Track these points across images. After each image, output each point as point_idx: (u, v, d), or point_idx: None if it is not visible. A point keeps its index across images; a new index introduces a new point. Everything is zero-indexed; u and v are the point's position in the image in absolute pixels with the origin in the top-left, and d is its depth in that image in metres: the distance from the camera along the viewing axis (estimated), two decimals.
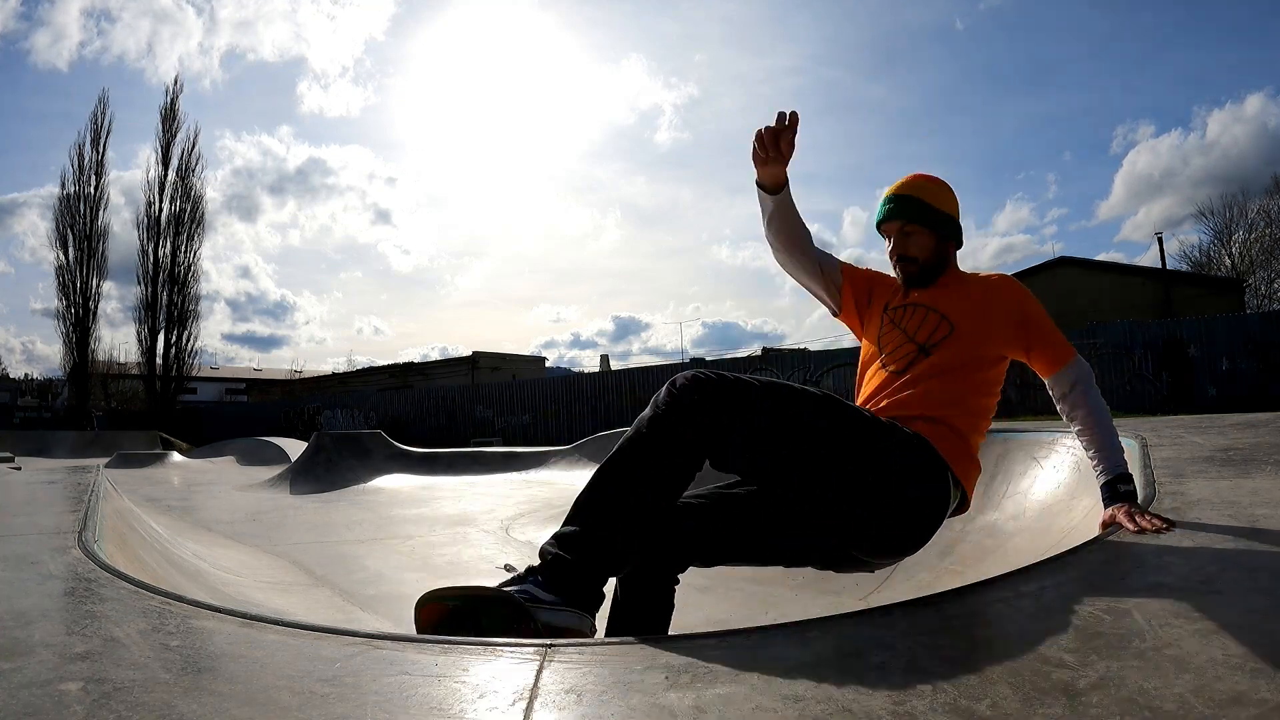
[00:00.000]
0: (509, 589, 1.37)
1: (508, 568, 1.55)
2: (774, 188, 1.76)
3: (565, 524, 1.45)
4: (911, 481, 1.52)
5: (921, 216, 1.77)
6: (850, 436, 1.50)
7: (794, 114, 1.63)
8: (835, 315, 1.97)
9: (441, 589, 1.41)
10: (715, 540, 1.58)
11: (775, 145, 1.67)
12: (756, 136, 1.67)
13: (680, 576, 1.62)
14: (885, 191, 1.83)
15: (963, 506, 1.68)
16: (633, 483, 1.44)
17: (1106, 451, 1.70)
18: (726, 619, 2.60)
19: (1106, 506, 1.64)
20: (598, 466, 1.51)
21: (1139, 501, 1.70)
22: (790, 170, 1.75)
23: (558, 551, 1.41)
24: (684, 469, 1.45)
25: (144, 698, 0.90)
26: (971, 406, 1.69)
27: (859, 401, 1.77)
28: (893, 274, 1.89)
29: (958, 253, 1.87)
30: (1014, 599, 1.24)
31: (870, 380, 1.79)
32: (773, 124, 1.65)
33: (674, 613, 1.61)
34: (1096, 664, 0.92)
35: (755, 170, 1.74)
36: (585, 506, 1.45)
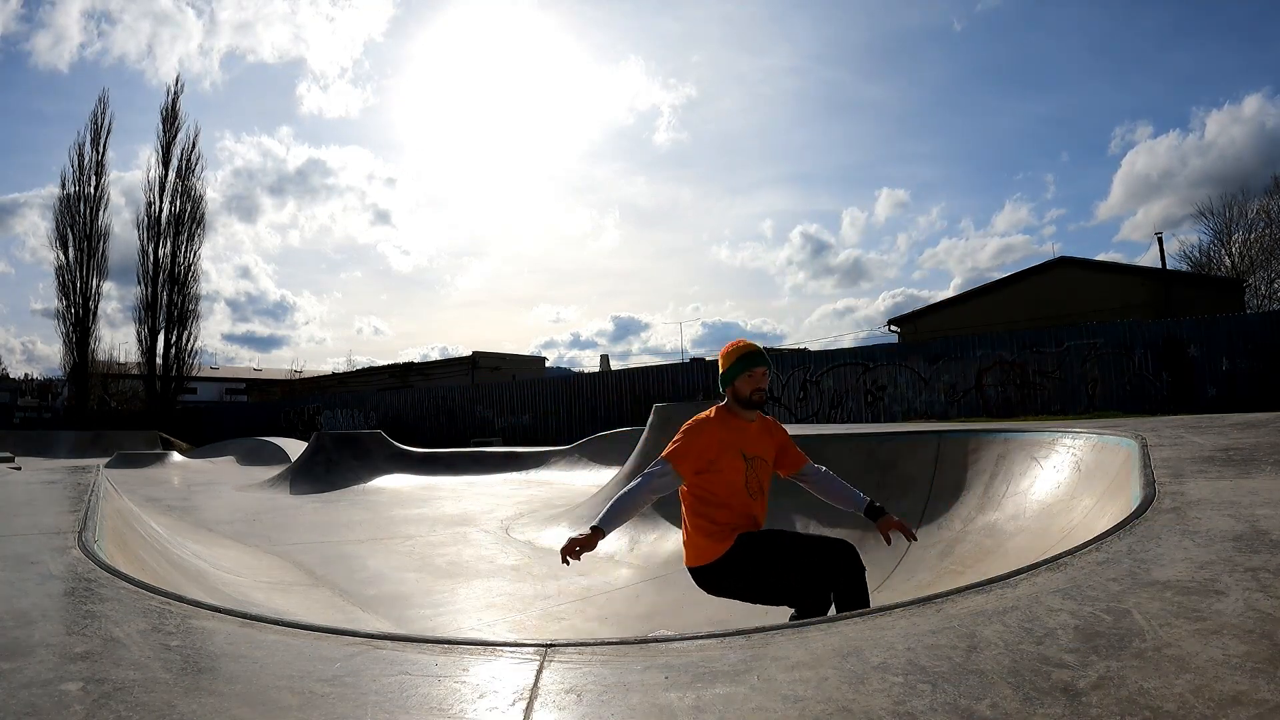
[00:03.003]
0: None
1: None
2: (600, 538, 2.13)
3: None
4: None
5: (769, 366, 2.46)
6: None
7: (576, 544, 2.05)
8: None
9: None
10: None
11: (576, 554, 2.07)
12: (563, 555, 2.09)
13: (681, 578, 1.65)
14: (746, 346, 2.42)
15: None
16: None
17: (851, 492, 2.40)
18: (727, 619, 2.60)
19: (876, 520, 2.28)
20: None
21: (1139, 502, 1.71)
22: (789, 170, 1.80)
23: None
24: None
25: (144, 698, 0.90)
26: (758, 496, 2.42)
27: (736, 509, 2.33)
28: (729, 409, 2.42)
29: None
30: (1014, 599, 1.24)
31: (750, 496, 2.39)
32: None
33: (676, 614, 1.63)
34: (1096, 664, 0.92)
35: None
36: None
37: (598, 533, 2.09)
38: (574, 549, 2.04)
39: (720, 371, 2.46)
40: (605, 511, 2.17)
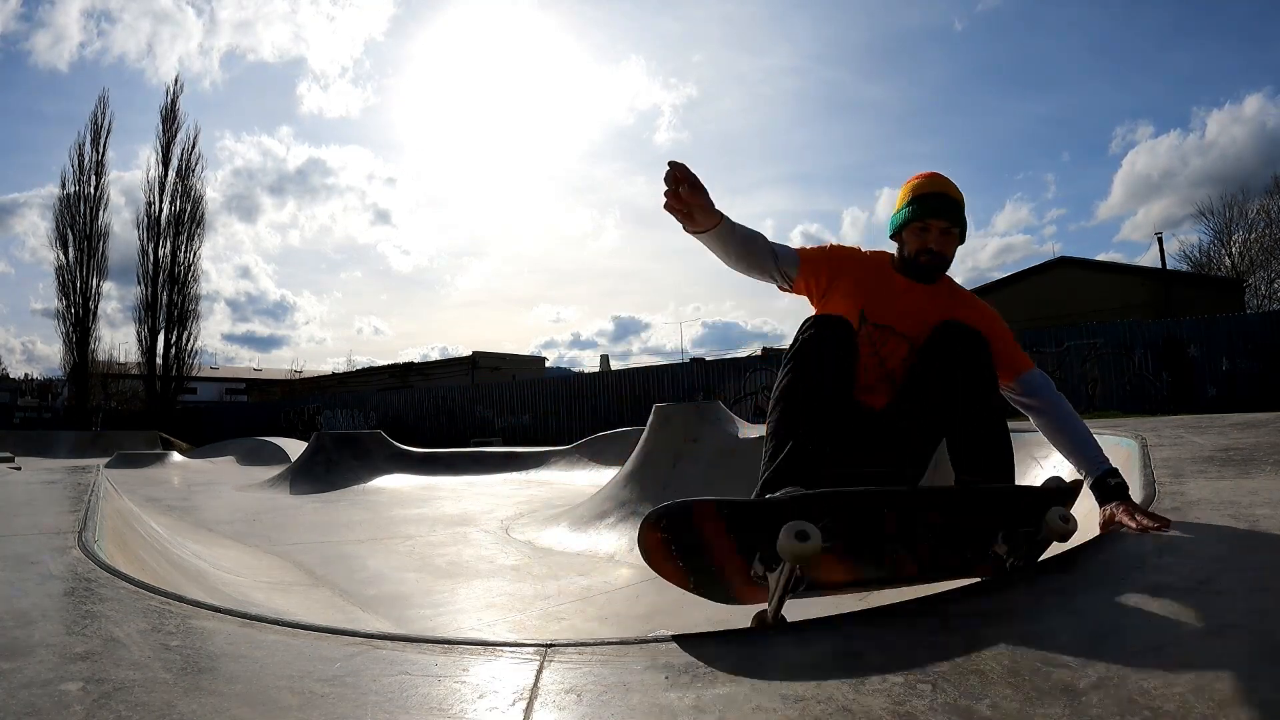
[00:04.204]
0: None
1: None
2: (710, 225, 1.74)
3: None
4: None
5: (960, 221, 1.82)
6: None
7: (672, 164, 1.65)
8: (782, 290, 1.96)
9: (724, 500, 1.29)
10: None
11: (679, 198, 1.66)
12: (665, 201, 1.68)
13: None
14: (919, 185, 1.83)
15: None
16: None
17: (1088, 449, 1.72)
18: (727, 619, 2.59)
19: (1102, 502, 1.64)
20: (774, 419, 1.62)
21: (1139, 501, 1.70)
22: (790, 170, 1.78)
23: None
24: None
25: (144, 698, 0.90)
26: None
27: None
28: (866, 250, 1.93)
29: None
30: (1014, 599, 1.24)
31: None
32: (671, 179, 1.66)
33: (676, 614, 1.61)
34: (1096, 664, 0.92)
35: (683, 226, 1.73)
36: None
37: (715, 213, 1.69)
38: (686, 184, 1.62)
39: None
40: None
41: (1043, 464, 3.09)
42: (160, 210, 32.73)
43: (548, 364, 35.99)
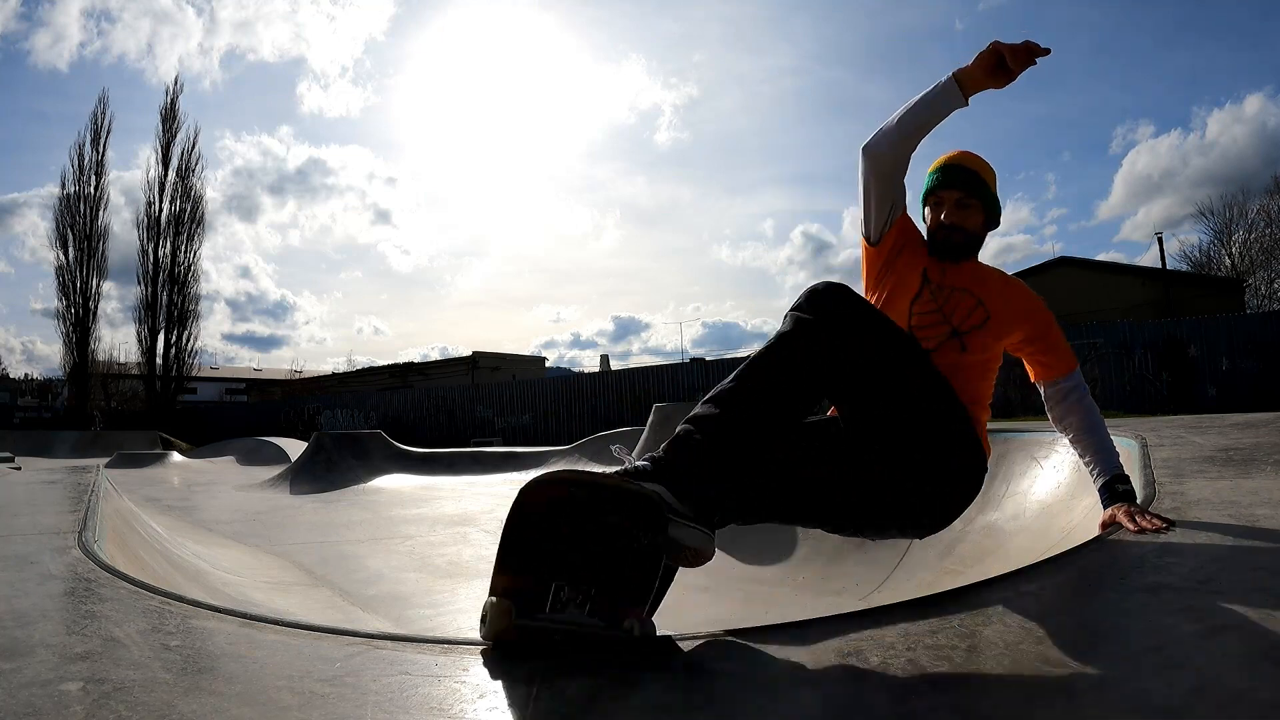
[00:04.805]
0: (643, 485, 1.20)
1: (617, 449, 1.44)
2: (972, 92, 1.62)
3: (694, 419, 1.34)
4: (968, 457, 1.51)
5: (982, 193, 1.73)
6: (941, 400, 1.47)
7: (1036, 49, 1.53)
8: (869, 242, 1.80)
9: (566, 470, 1.22)
10: (773, 492, 1.47)
11: (1024, 62, 1.55)
12: (1021, 50, 1.54)
13: (679, 577, 1.58)
14: (939, 160, 1.77)
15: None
16: (765, 396, 1.35)
17: (1103, 454, 1.70)
18: (726, 619, 2.59)
19: (1106, 507, 1.63)
20: (728, 382, 1.38)
21: (1139, 501, 1.70)
22: (790, 170, 1.76)
23: (692, 438, 1.30)
24: (813, 387, 1.39)
25: (144, 698, 0.90)
26: (983, 397, 1.69)
27: None
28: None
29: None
30: (1014, 599, 1.24)
31: None
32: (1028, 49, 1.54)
33: (675, 614, 1.56)
34: (1096, 664, 0.92)
35: (978, 76, 1.59)
36: (722, 404, 1.35)
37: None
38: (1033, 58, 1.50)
39: None
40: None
41: (1042, 464, 3.09)
42: (160, 210, 32.76)
43: (548, 364, 36.00)
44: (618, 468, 1.33)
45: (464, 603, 3.31)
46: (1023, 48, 1.55)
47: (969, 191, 1.71)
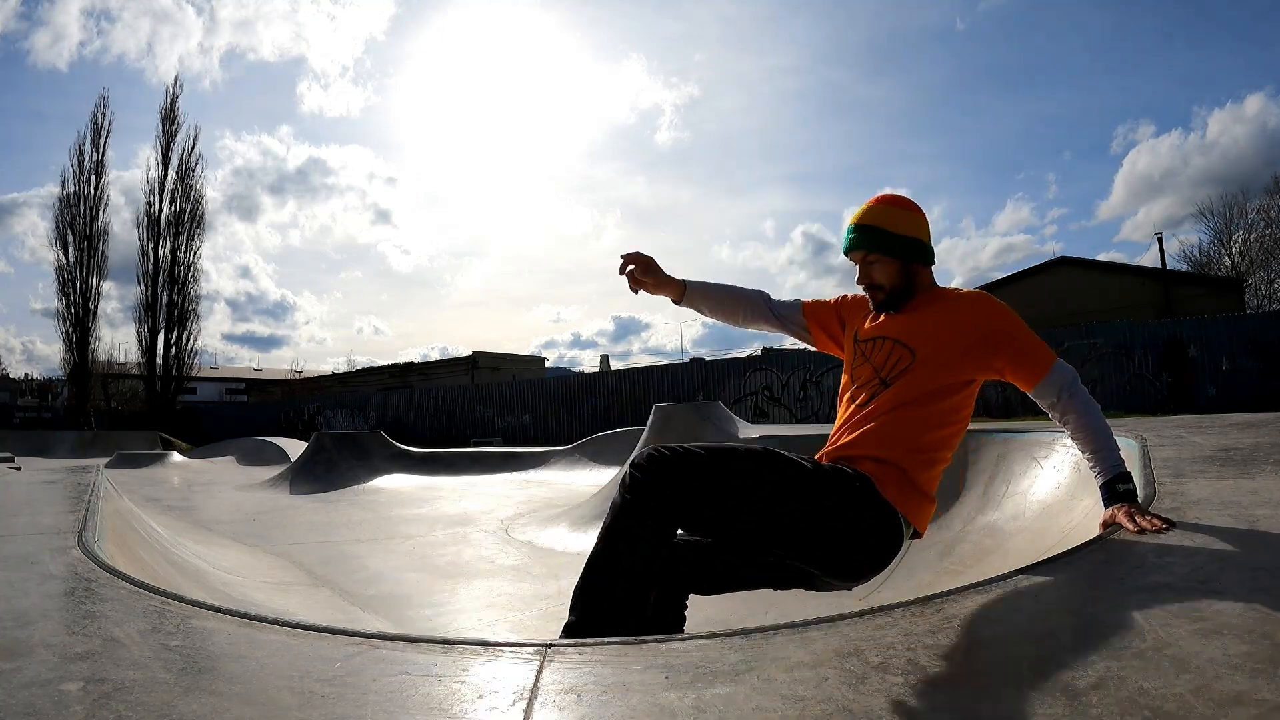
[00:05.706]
0: None
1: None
2: (676, 297, 1.93)
3: (571, 615, 1.54)
4: (853, 522, 1.61)
5: (881, 245, 1.76)
6: (793, 489, 1.58)
7: (625, 258, 1.86)
8: (816, 349, 2.07)
9: None
10: (711, 573, 1.69)
11: (636, 281, 1.89)
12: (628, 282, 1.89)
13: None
14: (849, 219, 1.83)
15: (915, 535, 1.76)
16: (624, 563, 1.54)
17: (1103, 452, 1.69)
18: (726, 619, 2.59)
19: (1106, 506, 1.64)
20: (589, 556, 1.60)
21: (1139, 501, 1.70)
22: (790, 169, 1.80)
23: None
24: (663, 534, 1.57)
25: (144, 698, 0.90)
26: (923, 444, 1.69)
27: (833, 430, 1.82)
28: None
29: (933, 269, 1.83)
30: (1014, 599, 1.24)
31: (843, 409, 1.82)
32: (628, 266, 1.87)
33: None
34: (1096, 664, 0.92)
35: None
36: (584, 594, 1.56)
37: (674, 283, 1.89)
38: (636, 264, 1.84)
39: None
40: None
41: (1042, 464, 3.09)
42: (160, 210, 32.80)
43: (548, 364, 35.99)
44: (618, 469, 1.41)
45: (464, 603, 3.31)
46: (628, 277, 1.89)
47: (869, 249, 1.77)
